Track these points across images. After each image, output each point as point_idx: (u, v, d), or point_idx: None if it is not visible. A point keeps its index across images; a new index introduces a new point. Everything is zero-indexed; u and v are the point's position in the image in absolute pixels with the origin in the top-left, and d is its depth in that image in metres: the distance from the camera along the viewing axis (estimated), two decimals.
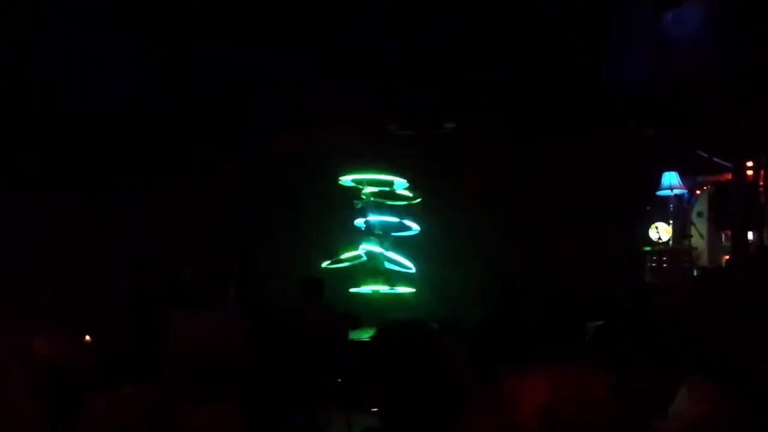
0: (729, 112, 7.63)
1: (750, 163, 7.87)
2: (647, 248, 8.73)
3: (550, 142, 9.15)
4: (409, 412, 1.72)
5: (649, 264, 8.68)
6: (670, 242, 8.68)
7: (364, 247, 9.35)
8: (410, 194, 9.50)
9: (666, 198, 8.68)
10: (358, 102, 8.96)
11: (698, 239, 8.53)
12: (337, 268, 9.29)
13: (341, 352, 5.51)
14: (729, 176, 8.20)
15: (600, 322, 4.94)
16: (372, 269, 9.35)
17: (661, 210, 8.80)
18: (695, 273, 8.16)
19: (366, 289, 9.22)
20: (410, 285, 9.42)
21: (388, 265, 9.36)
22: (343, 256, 9.37)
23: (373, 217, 9.35)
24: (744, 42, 7.16)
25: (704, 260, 8.47)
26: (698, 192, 8.81)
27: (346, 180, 9.34)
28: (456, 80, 8.58)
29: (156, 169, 9.03)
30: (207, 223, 9.32)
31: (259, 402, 2.09)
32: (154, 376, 2.05)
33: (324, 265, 9.14)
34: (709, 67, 7.32)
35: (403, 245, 9.58)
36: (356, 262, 9.45)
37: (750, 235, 7.69)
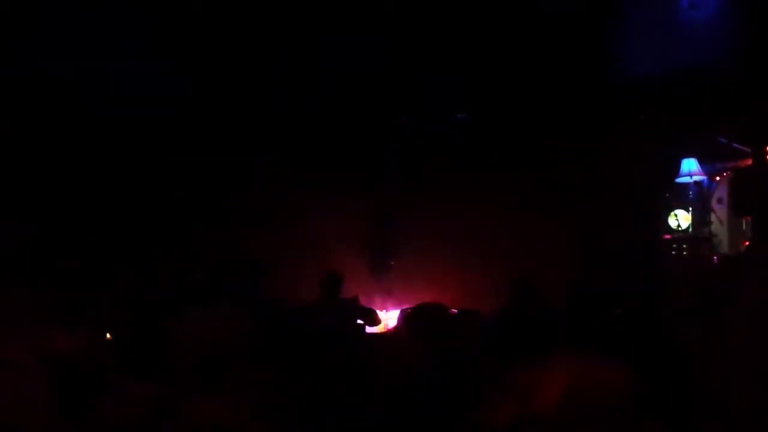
0: (747, 97, 7.54)
1: None
2: (667, 236, 8.66)
3: (567, 133, 9.09)
4: (427, 394, 1.71)
5: (668, 252, 8.61)
6: (690, 229, 8.60)
7: None
8: None
9: (685, 185, 8.60)
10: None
11: (718, 226, 8.45)
12: None
13: (357, 349, 5.50)
14: (749, 161, 8.11)
15: (619, 311, 4.90)
16: None
17: (681, 197, 8.73)
18: (715, 260, 8.08)
19: None
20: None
21: None
22: None
23: None
24: (760, 24, 7.07)
25: (724, 247, 8.39)
26: (718, 178, 8.71)
27: None
28: (468, 73, 8.57)
29: (167, 166, 9.07)
30: (219, 219, 9.35)
31: (271, 397, 2.08)
32: (164, 372, 2.05)
33: None
34: (725, 51, 7.24)
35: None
36: None
37: None
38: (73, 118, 7.98)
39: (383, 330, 6.81)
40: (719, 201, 8.57)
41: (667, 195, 8.82)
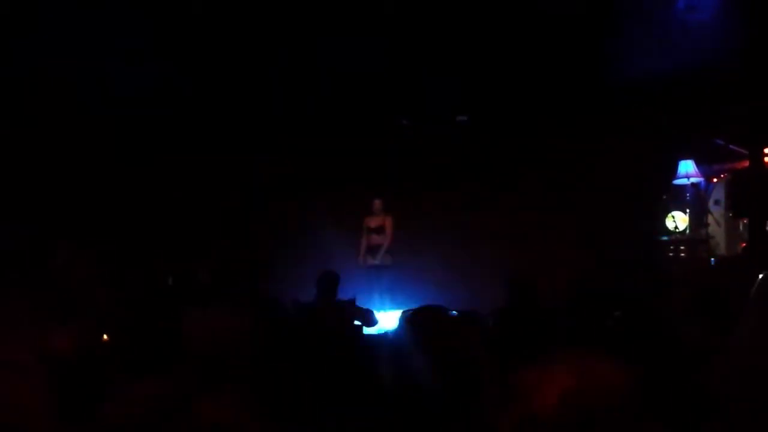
0: (746, 98, 7.54)
1: (767, 150, 7.77)
2: (664, 237, 8.65)
3: (567, 133, 9.10)
4: (427, 396, 1.71)
5: (665, 253, 8.59)
6: (687, 231, 8.59)
7: None
8: None
9: (682, 187, 8.59)
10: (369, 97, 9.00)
11: (715, 228, 8.44)
12: None
13: (356, 349, 5.49)
14: (746, 163, 8.10)
15: (617, 312, 4.89)
16: None
17: (678, 199, 8.71)
18: (712, 261, 8.07)
19: None
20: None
21: None
22: None
23: None
24: (760, 24, 7.07)
25: (722, 249, 8.38)
26: (715, 180, 8.70)
27: None
28: (468, 73, 8.58)
29: (167, 166, 9.08)
30: (219, 221, 9.36)
31: (273, 397, 2.08)
32: (168, 372, 2.05)
33: None
34: (724, 53, 7.23)
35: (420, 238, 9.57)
36: None
37: None
38: (73, 118, 7.98)
39: (382, 330, 6.80)
40: (716, 203, 8.55)
41: (665, 197, 8.80)
